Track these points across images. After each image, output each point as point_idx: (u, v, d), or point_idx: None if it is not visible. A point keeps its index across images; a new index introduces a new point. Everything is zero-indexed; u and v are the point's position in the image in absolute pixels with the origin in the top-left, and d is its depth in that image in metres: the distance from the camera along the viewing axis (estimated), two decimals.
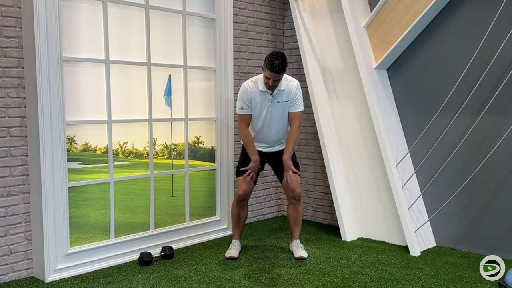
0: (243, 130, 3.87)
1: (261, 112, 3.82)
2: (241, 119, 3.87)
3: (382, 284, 3.37)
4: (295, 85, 3.86)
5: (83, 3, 3.59)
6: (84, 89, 3.64)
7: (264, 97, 3.80)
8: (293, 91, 3.83)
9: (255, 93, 3.81)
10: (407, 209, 4.11)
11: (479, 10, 3.90)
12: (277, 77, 3.66)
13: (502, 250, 3.85)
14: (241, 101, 3.84)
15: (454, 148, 4.02)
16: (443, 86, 4.11)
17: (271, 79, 3.68)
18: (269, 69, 3.62)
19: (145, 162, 4.04)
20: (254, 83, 3.83)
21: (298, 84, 3.90)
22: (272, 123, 3.86)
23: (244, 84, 3.88)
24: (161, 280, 3.45)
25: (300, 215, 4.02)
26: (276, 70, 3.61)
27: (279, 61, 3.61)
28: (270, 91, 3.79)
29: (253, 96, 3.81)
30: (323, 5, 4.63)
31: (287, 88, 3.82)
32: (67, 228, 3.54)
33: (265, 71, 3.68)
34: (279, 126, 3.89)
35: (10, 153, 3.40)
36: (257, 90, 3.81)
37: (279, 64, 3.60)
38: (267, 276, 3.54)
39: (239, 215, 4.02)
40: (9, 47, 3.35)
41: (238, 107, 3.87)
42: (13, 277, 3.45)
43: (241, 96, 3.84)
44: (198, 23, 4.35)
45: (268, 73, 3.65)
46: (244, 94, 3.82)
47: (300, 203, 4.00)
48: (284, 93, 3.81)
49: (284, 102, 3.84)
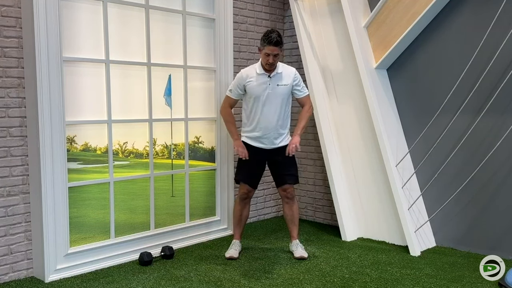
0: (225, 109, 4.01)
1: (260, 95, 3.82)
2: (226, 99, 4.01)
3: (382, 284, 3.37)
4: (293, 70, 3.95)
5: (83, 3, 3.59)
6: (84, 89, 3.64)
7: (262, 80, 3.82)
8: (292, 74, 3.90)
9: (253, 77, 3.85)
10: (407, 209, 4.11)
11: (479, 10, 3.90)
12: (276, 50, 3.73)
13: (502, 250, 3.85)
14: (233, 84, 3.95)
15: (454, 148, 4.02)
16: (443, 86, 4.11)
17: (271, 55, 3.73)
18: (268, 43, 3.72)
19: (145, 162, 4.04)
20: (252, 67, 3.92)
21: (296, 70, 3.97)
22: (271, 107, 3.84)
23: (242, 70, 3.96)
24: (161, 280, 3.45)
25: (296, 214, 4.03)
26: (274, 42, 3.72)
27: (276, 34, 3.76)
28: (268, 73, 3.81)
29: (250, 80, 3.84)
30: (323, 5, 4.63)
31: (285, 71, 3.88)
32: (67, 228, 3.54)
33: (263, 49, 3.76)
34: (279, 111, 3.85)
35: (10, 153, 3.40)
36: (254, 73, 3.86)
37: (276, 36, 3.74)
38: (267, 276, 3.54)
39: (241, 213, 4.03)
40: (9, 47, 3.35)
41: (228, 89, 4.00)
42: (13, 277, 3.45)
43: (236, 79, 3.95)
44: (198, 23, 4.35)
45: (267, 48, 3.73)
46: (239, 79, 3.90)
47: (295, 201, 4.02)
48: (283, 75, 3.85)
49: (284, 86, 3.86)
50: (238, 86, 3.90)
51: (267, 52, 3.73)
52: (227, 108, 4.00)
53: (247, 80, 3.85)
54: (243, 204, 4.03)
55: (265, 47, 3.74)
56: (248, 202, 4.06)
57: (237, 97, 3.95)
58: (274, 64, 3.78)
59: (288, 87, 3.87)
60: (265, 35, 3.78)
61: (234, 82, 3.95)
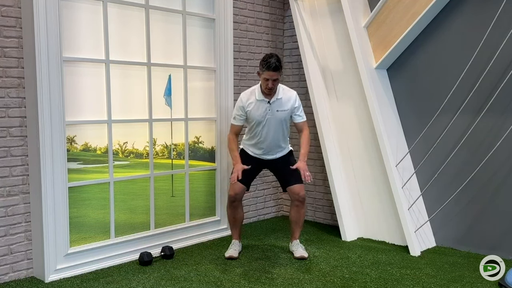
0: (231, 136, 3.95)
1: (259, 121, 3.83)
2: (231, 128, 3.96)
3: (382, 284, 3.37)
4: (294, 94, 3.90)
5: (83, 3, 3.59)
6: (84, 89, 3.64)
7: (262, 106, 3.82)
8: (292, 99, 3.86)
9: (252, 102, 3.84)
10: (407, 209, 4.11)
11: (479, 10, 3.90)
12: (275, 75, 3.69)
13: (502, 250, 3.85)
14: (236, 110, 3.91)
15: (454, 148, 4.02)
16: (443, 86, 4.11)
17: (270, 80, 3.70)
18: (266, 68, 3.67)
19: (145, 162, 4.04)
20: (251, 92, 3.88)
21: (297, 94, 3.93)
22: (270, 132, 3.86)
23: (241, 94, 3.92)
24: (161, 280, 3.45)
25: (302, 217, 4.01)
26: (273, 68, 3.66)
27: (275, 59, 3.68)
28: (268, 99, 3.80)
29: (249, 106, 3.84)
30: (323, 5, 4.63)
31: (285, 96, 3.85)
32: (67, 228, 3.54)
33: (262, 73, 3.72)
34: (278, 135, 3.89)
35: (10, 153, 3.40)
36: (253, 99, 3.84)
37: (275, 62, 3.67)
38: (267, 276, 3.54)
39: (234, 216, 4.01)
40: (9, 47, 3.35)
41: (232, 116, 3.95)
42: (13, 277, 3.45)
43: (236, 106, 3.91)
44: (198, 23, 4.35)
45: (266, 73, 3.68)
46: (239, 106, 3.87)
47: (304, 205, 3.98)
48: (283, 101, 3.83)
49: (284, 111, 3.85)
50: (240, 112, 3.87)
51: (266, 77, 3.70)
52: (232, 135, 3.94)
53: (247, 106, 3.84)
54: (233, 208, 3.96)
55: (264, 72, 3.70)
56: (239, 206, 3.97)
57: (241, 123, 3.92)
58: (273, 88, 3.77)
59: (288, 112, 3.86)
60: (264, 60, 3.72)
61: (235, 109, 3.92)
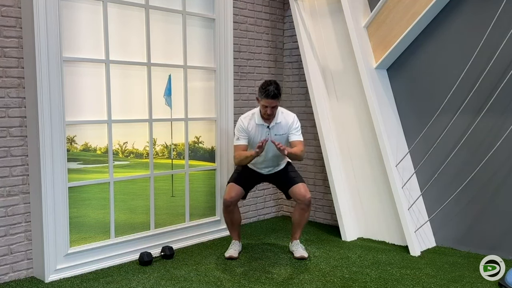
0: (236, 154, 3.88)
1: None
2: (236, 149, 3.89)
3: (382, 284, 3.37)
4: (292, 116, 3.90)
5: (83, 3, 3.59)
6: (84, 89, 3.64)
7: (261, 130, 3.84)
8: (290, 122, 3.86)
9: (252, 126, 3.85)
10: (407, 209, 4.11)
11: (479, 10, 3.90)
12: (274, 103, 3.71)
13: (502, 250, 3.86)
14: (237, 132, 3.89)
15: (454, 148, 4.02)
16: (443, 86, 4.11)
17: (269, 107, 3.72)
18: (265, 96, 3.68)
19: (145, 162, 4.04)
20: (251, 117, 3.88)
21: (296, 116, 3.93)
22: (269, 154, 3.88)
23: (241, 117, 3.93)
24: (161, 280, 3.45)
25: (305, 220, 4.00)
26: (272, 96, 3.67)
27: (273, 86, 3.68)
28: (267, 124, 3.82)
29: (249, 129, 3.85)
30: (323, 5, 4.63)
31: (284, 121, 3.86)
32: (67, 228, 3.54)
33: (261, 100, 3.74)
34: (276, 157, 3.92)
35: (10, 153, 3.40)
36: (253, 123, 3.85)
37: (274, 89, 3.67)
38: (267, 276, 3.54)
39: (231, 220, 4.00)
40: (9, 47, 3.35)
41: (235, 138, 3.92)
42: (13, 277, 3.45)
43: (237, 128, 3.90)
44: (198, 23, 4.35)
45: (265, 101, 3.70)
46: (240, 127, 3.88)
47: (309, 209, 3.94)
48: (281, 125, 3.84)
49: (282, 135, 3.86)
50: (243, 132, 3.85)
51: (265, 104, 3.72)
52: (238, 152, 3.85)
53: (248, 130, 3.86)
54: (228, 212, 3.94)
55: (262, 99, 3.71)
56: (234, 209, 3.94)
57: (246, 142, 3.86)
58: (272, 114, 3.78)
59: (286, 135, 3.86)
60: (263, 87, 3.72)
61: (236, 131, 3.90)
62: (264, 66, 5.11)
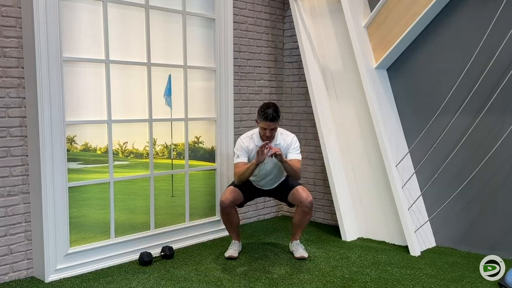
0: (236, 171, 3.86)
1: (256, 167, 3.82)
2: (236, 166, 3.87)
3: (382, 284, 3.37)
4: (291, 137, 3.92)
5: (83, 3, 3.59)
6: (84, 89, 3.64)
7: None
8: (289, 142, 3.88)
9: (252, 147, 3.86)
10: (407, 209, 4.11)
11: (479, 10, 3.90)
12: (272, 125, 3.73)
13: (502, 250, 3.86)
14: (237, 150, 3.90)
15: (454, 148, 4.02)
16: (443, 86, 4.11)
17: (268, 129, 3.74)
18: (264, 119, 3.71)
19: (145, 162, 4.04)
20: (250, 138, 3.90)
21: (295, 136, 3.94)
22: (267, 174, 3.92)
23: (241, 137, 3.94)
24: (161, 280, 3.45)
25: (306, 221, 3.99)
26: (270, 118, 3.70)
27: (272, 109, 3.71)
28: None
29: (250, 149, 3.87)
30: (323, 5, 4.63)
31: (283, 142, 3.88)
32: (67, 228, 3.54)
33: (260, 123, 3.77)
34: (274, 176, 3.96)
35: (10, 153, 3.40)
36: (253, 144, 3.86)
37: (273, 112, 3.70)
38: (267, 276, 3.54)
39: (228, 221, 4.00)
40: (9, 47, 3.35)
41: (235, 156, 3.92)
42: (13, 277, 3.45)
43: (237, 147, 3.91)
44: (198, 23, 4.35)
45: (264, 123, 3.73)
46: (240, 146, 3.89)
47: (311, 211, 3.94)
48: (280, 146, 3.84)
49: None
50: (243, 151, 3.86)
51: (264, 126, 3.74)
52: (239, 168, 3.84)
53: (247, 148, 3.87)
54: (226, 214, 3.93)
55: (261, 121, 3.74)
56: (231, 212, 3.92)
57: (246, 159, 3.86)
58: (271, 137, 3.80)
59: (285, 155, 3.85)
60: (261, 110, 3.73)
61: (236, 150, 3.90)
62: (264, 66, 5.11)
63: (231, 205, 3.89)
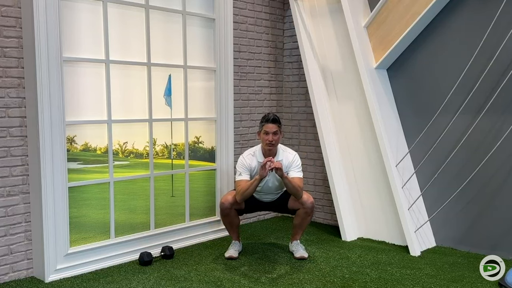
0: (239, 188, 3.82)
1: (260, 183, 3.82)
2: (238, 184, 3.85)
3: (382, 284, 3.37)
4: (293, 154, 3.94)
5: (83, 3, 3.59)
6: (84, 89, 3.64)
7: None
8: (290, 159, 3.90)
9: (255, 165, 3.88)
10: (407, 209, 4.11)
11: (479, 10, 3.90)
12: (274, 127, 3.80)
13: (502, 250, 3.86)
14: (239, 168, 3.90)
15: (454, 148, 4.02)
16: (443, 86, 4.11)
17: (270, 133, 3.78)
18: (265, 121, 3.82)
19: (145, 162, 4.04)
20: (253, 155, 3.93)
21: (297, 154, 3.97)
22: (269, 188, 3.94)
23: (243, 155, 3.95)
24: (161, 280, 3.45)
25: (307, 222, 3.99)
26: (271, 120, 3.81)
27: (272, 114, 3.88)
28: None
29: (252, 167, 3.88)
30: (323, 5, 4.63)
31: (285, 159, 3.90)
32: (67, 228, 3.54)
33: (261, 129, 3.84)
34: (275, 190, 3.98)
35: (10, 153, 3.40)
36: (255, 162, 3.88)
37: (273, 115, 3.85)
38: (267, 276, 3.54)
39: (228, 222, 4.00)
40: (9, 47, 3.35)
41: (237, 174, 3.92)
42: (13, 277, 3.45)
43: (239, 165, 3.92)
44: (198, 23, 4.35)
45: (265, 126, 3.81)
46: (242, 164, 3.90)
47: (312, 213, 3.93)
48: (283, 163, 3.84)
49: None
50: (245, 168, 3.87)
51: (266, 130, 3.79)
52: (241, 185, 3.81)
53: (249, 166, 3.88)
54: (225, 216, 3.93)
55: (263, 126, 3.81)
56: (230, 213, 3.91)
57: (248, 177, 3.86)
58: (274, 143, 3.80)
59: (286, 173, 3.85)
60: (262, 116, 3.90)
61: (238, 167, 3.89)
62: (264, 66, 5.11)
63: (230, 207, 3.88)
